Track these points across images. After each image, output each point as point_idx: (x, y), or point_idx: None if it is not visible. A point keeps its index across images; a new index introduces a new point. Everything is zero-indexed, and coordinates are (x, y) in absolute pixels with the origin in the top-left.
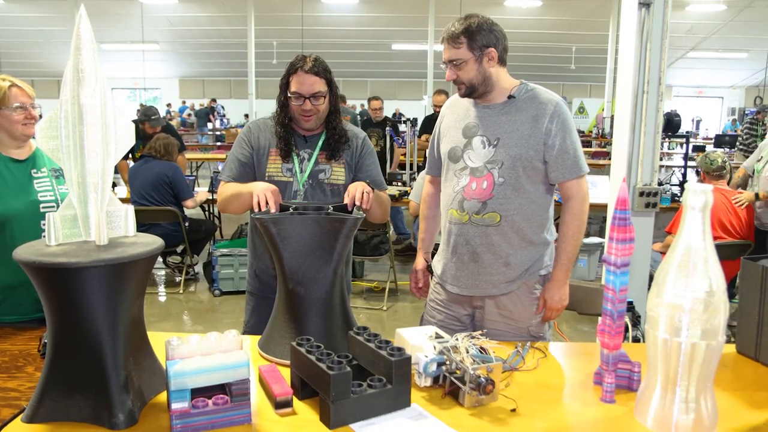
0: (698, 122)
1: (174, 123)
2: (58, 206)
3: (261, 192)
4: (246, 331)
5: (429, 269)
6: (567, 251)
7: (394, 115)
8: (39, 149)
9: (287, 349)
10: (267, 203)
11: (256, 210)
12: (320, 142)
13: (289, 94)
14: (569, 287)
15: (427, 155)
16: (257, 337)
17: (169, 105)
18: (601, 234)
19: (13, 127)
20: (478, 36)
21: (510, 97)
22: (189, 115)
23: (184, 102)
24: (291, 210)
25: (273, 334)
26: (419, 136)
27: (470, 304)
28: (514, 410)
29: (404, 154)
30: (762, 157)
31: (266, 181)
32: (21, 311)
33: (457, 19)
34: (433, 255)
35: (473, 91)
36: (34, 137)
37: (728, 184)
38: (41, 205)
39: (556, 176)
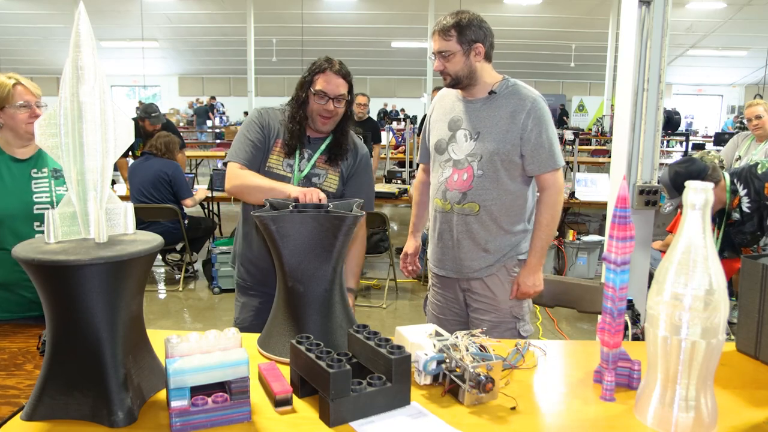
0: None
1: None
2: (53, 208)
3: (306, 192)
4: (237, 327)
5: (424, 252)
6: (541, 239)
7: (392, 111)
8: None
9: (286, 347)
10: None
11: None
12: (323, 146)
13: (312, 92)
14: (567, 284)
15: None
16: (254, 335)
17: (197, 102)
18: (601, 232)
19: (18, 126)
20: (468, 31)
21: (491, 92)
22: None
23: (200, 101)
24: (290, 207)
25: (272, 332)
26: (419, 134)
27: (459, 287)
28: (513, 408)
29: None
30: (740, 156)
31: (264, 172)
32: (15, 309)
33: (449, 13)
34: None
35: (458, 83)
36: None
37: None
38: (35, 207)
39: (532, 169)
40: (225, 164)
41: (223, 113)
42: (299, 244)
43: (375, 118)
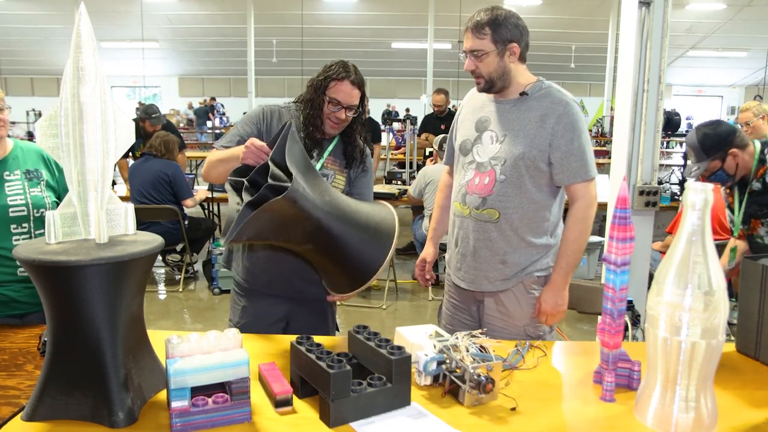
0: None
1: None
2: (28, 210)
3: (246, 150)
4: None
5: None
6: (567, 255)
7: (392, 112)
8: (15, 151)
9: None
10: (250, 161)
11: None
12: (330, 147)
13: (327, 99)
14: (569, 286)
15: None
16: (253, 335)
17: (199, 103)
18: (601, 233)
19: None
20: (504, 29)
21: (522, 93)
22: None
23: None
24: (239, 203)
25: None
26: (419, 135)
27: (474, 299)
28: (514, 409)
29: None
30: None
31: None
32: None
33: (483, 8)
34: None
35: (492, 86)
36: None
37: None
38: (11, 210)
39: (560, 178)
40: None
41: (223, 114)
42: (272, 229)
43: (376, 118)
